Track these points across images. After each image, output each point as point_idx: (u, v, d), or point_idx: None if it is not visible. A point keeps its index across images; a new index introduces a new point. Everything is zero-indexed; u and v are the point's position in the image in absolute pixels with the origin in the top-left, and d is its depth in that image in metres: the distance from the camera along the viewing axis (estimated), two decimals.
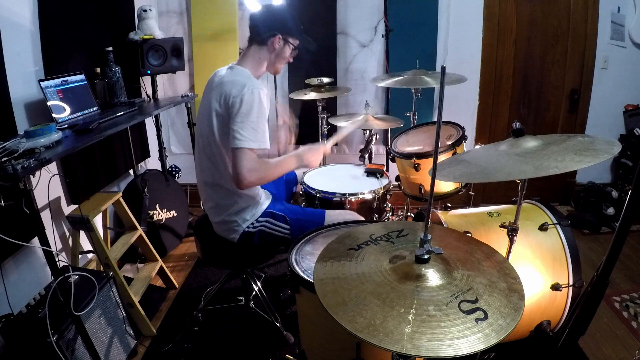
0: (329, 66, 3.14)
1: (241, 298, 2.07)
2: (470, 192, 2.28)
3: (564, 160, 1.10)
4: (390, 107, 3.16)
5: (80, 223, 1.88)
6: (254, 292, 2.14)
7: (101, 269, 1.96)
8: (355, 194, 1.97)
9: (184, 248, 2.86)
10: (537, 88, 3.19)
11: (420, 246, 0.93)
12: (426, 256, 0.92)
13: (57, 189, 2.10)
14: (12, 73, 1.77)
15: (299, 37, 1.74)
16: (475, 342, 0.75)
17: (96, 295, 1.64)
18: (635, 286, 2.29)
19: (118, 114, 2.06)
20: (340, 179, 2.22)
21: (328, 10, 3.04)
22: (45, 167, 1.40)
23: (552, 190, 3.39)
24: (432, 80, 2.31)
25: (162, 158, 2.93)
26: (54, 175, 1.54)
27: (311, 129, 2.97)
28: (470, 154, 1.44)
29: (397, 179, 2.42)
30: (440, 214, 1.73)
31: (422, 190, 2.19)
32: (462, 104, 3.14)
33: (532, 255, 1.52)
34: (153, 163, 3.14)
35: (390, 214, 2.21)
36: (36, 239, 1.42)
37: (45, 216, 1.68)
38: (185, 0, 3.08)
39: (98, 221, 2.13)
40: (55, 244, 1.96)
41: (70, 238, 2.10)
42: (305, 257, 1.38)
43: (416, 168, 2.08)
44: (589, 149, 1.12)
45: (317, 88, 2.74)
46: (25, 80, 1.88)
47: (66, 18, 2.12)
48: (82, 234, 2.06)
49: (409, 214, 2.69)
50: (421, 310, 0.82)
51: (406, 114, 2.64)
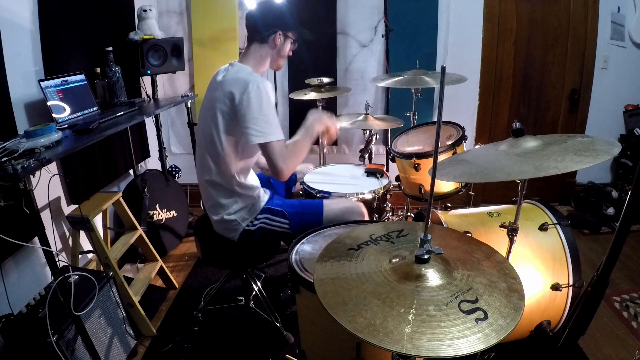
0: (329, 66, 3.14)
1: (241, 298, 2.07)
2: (470, 192, 2.28)
3: (564, 160, 1.10)
4: (390, 107, 3.16)
5: (80, 223, 1.88)
6: (254, 292, 2.14)
7: (101, 269, 1.96)
8: (355, 194, 1.97)
9: (184, 248, 2.86)
10: (537, 88, 3.19)
11: (420, 246, 0.93)
12: (426, 256, 0.92)
13: (57, 189, 2.10)
14: (12, 73, 1.77)
15: (298, 31, 1.75)
16: (475, 342, 0.75)
17: (96, 295, 1.64)
18: (635, 286, 2.29)
19: (118, 114, 2.06)
20: (340, 179, 2.22)
21: (328, 10, 3.04)
22: (45, 167, 1.40)
23: (552, 190, 3.39)
24: (432, 80, 2.31)
25: (162, 158, 2.93)
26: (54, 175, 1.54)
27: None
28: (470, 153, 1.44)
29: (397, 179, 2.42)
30: (440, 214, 1.73)
31: (422, 190, 2.19)
32: (462, 104, 3.14)
33: (532, 255, 1.52)
34: (153, 163, 3.14)
35: (390, 214, 2.21)
36: (36, 239, 1.42)
37: (45, 216, 1.68)
38: (185, 0, 3.08)
39: (98, 221, 2.13)
40: (55, 244, 1.96)
41: (70, 238, 2.10)
42: (305, 257, 1.38)
43: (416, 168, 2.08)
44: (589, 149, 1.12)
45: (317, 88, 2.74)
46: (25, 80, 1.88)
47: (66, 18, 2.12)
48: (82, 234, 2.06)
49: (409, 214, 2.69)
50: (421, 310, 0.82)
51: (406, 114, 2.64)
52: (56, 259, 1.45)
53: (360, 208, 1.80)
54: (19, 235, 1.43)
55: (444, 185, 2.20)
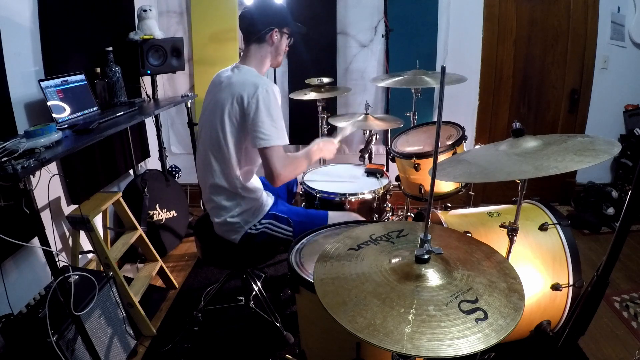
0: (329, 66, 3.13)
1: (241, 298, 2.07)
2: (470, 192, 2.27)
3: (564, 160, 1.10)
4: (390, 107, 3.16)
5: (80, 223, 1.88)
6: (254, 292, 2.14)
7: (101, 269, 1.96)
8: (355, 194, 1.97)
9: (184, 248, 2.86)
10: (537, 88, 3.19)
11: (420, 246, 0.93)
12: (426, 256, 0.92)
13: (57, 189, 2.09)
14: (12, 73, 1.77)
15: (292, 25, 1.75)
16: (475, 342, 0.75)
17: (96, 295, 1.64)
18: (635, 286, 2.29)
19: (118, 114, 2.06)
20: (340, 179, 2.22)
21: (328, 10, 3.04)
22: (45, 167, 1.40)
23: (552, 190, 3.39)
24: (432, 80, 2.31)
25: (162, 158, 2.93)
26: (54, 175, 1.54)
27: (311, 129, 2.97)
28: (470, 154, 1.44)
29: (397, 179, 2.41)
30: (440, 214, 1.73)
31: (422, 190, 2.19)
32: (462, 104, 3.14)
33: (532, 255, 1.52)
34: (153, 163, 3.14)
35: (390, 214, 2.22)
36: (36, 239, 1.42)
37: (45, 216, 1.68)
38: (185, 0, 3.08)
39: (98, 221, 2.13)
40: (55, 244, 1.95)
41: (70, 238, 2.10)
42: (305, 257, 1.38)
43: (416, 168, 2.08)
44: (589, 149, 1.12)
45: (317, 88, 2.74)
46: (25, 80, 1.88)
47: (66, 18, 2.12)
48: (82, 234, 2.06)
49: (409, 214, 2.69)
50: (421, 310, 0.82)
51: (406, 114, 2.64)
52: (56, 259, 1.45)
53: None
54: (19, 235, 1.43)
55: (444, 185, 2.20)
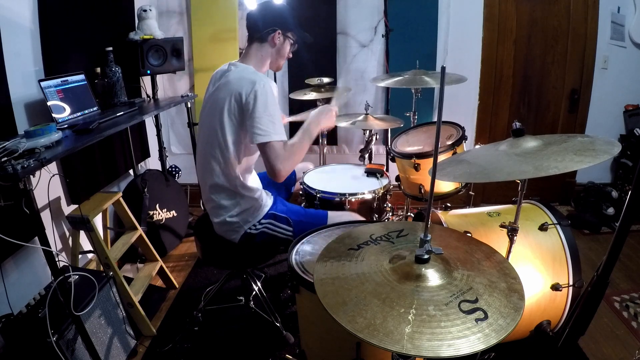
0: (329, 66, 3.13)
1: (241, 298, 2.07)
2: (470, 192, 2.27)
3: (564, 160, 1.10)
4: (390, 107, 3.16)
5: (80, 223, 1.88)
6: (254, 292, 2.14)
7: (101, 269, 1.96)
8: (355, 194, 1.97)
9: (184, 248, 2.86)
10: (537, 88, 3.19)
11: (420, 246, 0.93)
12: (426, 256, 0.92)
13: (57, 189, 2.09)
14: (12, 73, 1.77)
15: (297, 32, 1.75)
16: (475, 342, 0.75)
17: (96, 295, 1.64)
18: (635, 286, 2.29)
19: (118, 114, 2.06)
20: (340, 179, 2.22)
21: (328, 10, 3.04)
22: (45, 167, 1.40)
23: (552, 190, 3.39)
24: (432, 80, 2.31)
25: (162, 158, 2.93)
26: (54, 175, 1.54)
27: None
28: (470, 154, 1.44)
29: (397, 179, 2.41)
30: (440, 214, 1.73)
31: (422, 190, 2.19)
32: (462, 104, 3.14)
33: (532, 255, 1.52)
34: (153, 163, 3.14)
35: (390, 214, 2.21)
36: (36, 239, 1.42)
37: (45, 216, 1.68)
38: (185, 0, 3.08)
39: (98, 221, 2.13)
40: (55, 244, 1.95)
41: (70, 238, 2.10)
42: (305, 257, 1.38)
43: (416, 168, 2.08)
44: (589, 149, 1.12)
45: (317, 88, 2.74)
46: (25, 80, 1.88)
47: (66, 18, 2.12)
48: (82, 234, 2.06)
49: (409, 214, 2.69)
50: (421, 310, 0.82)
51: (406, 114, 2.63)
52: (56, 259, 1.45)
53: None
54: (19, 235, 1.43)
55: (444, 185, 2.20)
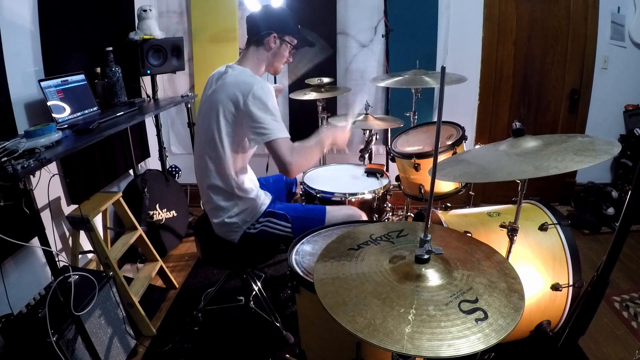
0: (329, 66, 3.13)
1: (241, 298, 2.07)
2: (470, 192, 2.27)
3: (564, 160, 1.10)
4: (390, 107, 3.16)
5: (80, 223, 1.88)
6: (254, 292, 2.14)
7: (101, 269, 1.96)
8: (355, 194, 1.97)
9: (184, 248, 2.86)
10: (537, 88, 3.19)
11: (420, 246, 0.93)
12: (426, 256, 0.92)
13: (57, 189, 2.09)
14: (12, 73, 1.77)
15: (297, 36, 1.73)
16: (475, 342, 0.75)
17: (96, 295, 1.64)
18: (635, 286, 2.29)
19: (118, 114, 2.06)
20: (340, 179, 2.22)
21: (328, 10, 3.04)
22: (45, 167, 1.40)
23: (552, 190, 3.39)
24: (432, 80, 2.31)
25: (162, 158, 2.93)
26: (54, 175, 1.54)
27: (311, 129, 2.96)
28: (470, 153, 1.44)
29: (397, 179, 2.41)
30: (440, 214, 1.73)
31: (422, 190, 2.19)
32: (462, 104, 3.14)
33: (532, 255, 1.52)
34: (153, 163, 3.14)
35: (390, 214, 2.21)
36: (36, 239, 1.42)
37: (45, 216, 1.68)
38: (185, 0, 3.08)
39: (98, 221, 2.13)
40: (55, 244, 1.95)
41: (70, 238, 2.10)
42: (305, 257, 1.38)
43: (416, 168, 2.08)
44: (589, 149, 1.12)
45: (317, 88, 2.74)
46: (25, 80, 1.88)
47: (66, 18, 2.12)
48: (82, 234, 2.06)
49: (409, 214, 2.69)
50: (421, 310, 0.82)
51: (406, 114, 2.63)
52: (56, 259, 1.45)
53: (362, 216, 1.81)
54: (19, 235, 1.43)
55: (444, 185, 2.20)
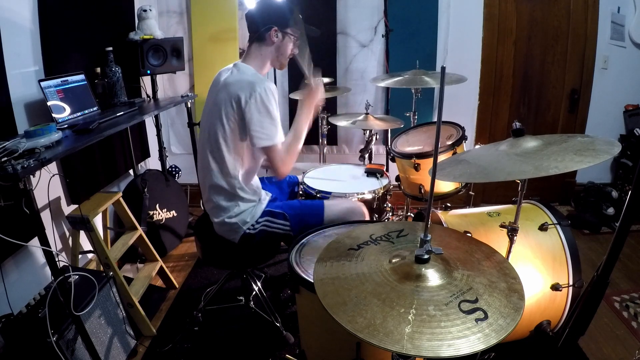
0: (329, 66, 3.13)
1: (241, 298, 2.07)
2: (470, 192, 2.27)
3: (564, 160, 1.10)
4: (390, 107, 3.16)
5: (80, 223, 1.88)
6: (254, 292, 2.14)
7: (101, 269, 1.96)
8: (355, 194, 1.97)
9: (184, 248, 2.86)
10: (537, 88, 3.19)
11: (420, 246, 0.93)
12: (426, 256, 0.92)
13: (57, 189, 2.09)
14: (12, 73, 1.77)
15: (298, 27, 1.70)
16: (475, 342, 0.75)
17: (96, 295, 1.64)
18: (635, 286, 2.29)
19: (118, 114, 2.06)
20: (340, 179, 2.22)
21: (328, 10, 3.04)
22: (45, 167, 1.40)
23: (552, 190, 3.39)
24: (432, 80, 2.31)
25: (162, 158, 2.93)
26: (54, 175, 1.54)
27: (311, 129, 2.96)
28: (470, 154, 1.44)
29: (397, 179, 2.41)
30: (440, 214, 1.73)
31: (422, 190, 2.19)
32: (462, 104, 3.14)
33: (532, 255, 1.52)
34: (153, 163, 3.14)
35: (390, 214, 2.21)
36: (36, 239, 1.42)
37: (45, 216, 1.68)
38: (185, 0, 3.08)
39: (98, 221, 2.13)
40: (55, 244, 1.95)
41: (70, 238, 2.10)
42: (305, 257, 1.38)
43: (416, 168, 2.08)
44: (589, 149, 1.12)
45: None
46: (25, 80, 1.88)
47: (66, 18, 2.12)
48: (82, 234, 2.06)
49: (409, 214, 2.69)
50: (421, 310, 0.82)
51: (406, 114, 2.64)
52: (56, 259, 1.45)
53: (361, 208, 1.80)
54: (19, 235, 1.43)
55: (444, 185, 2.20)
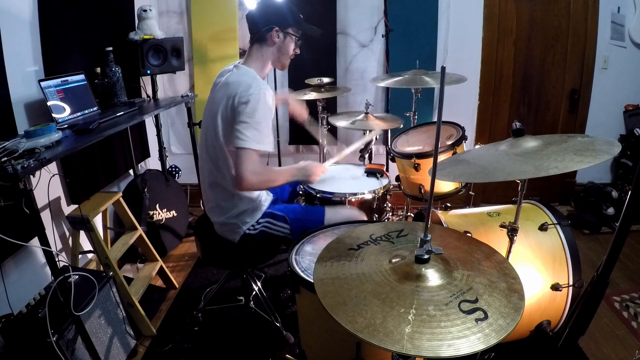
0: (329, 66, 3.13)
1: (241, 298, 2.07)
2: (470, 192, 2.27)
3: (564, 160, 1.10)
4: (390, 107, 3.16)
5: (80, 223, 1.88)
6: (254, 292, 2.14)
7: (101, 269, 1.96)
8: (355, 194, 1.97)
9: (184, 248, 2.86)
10: (537, 88, 3.19)
11: (420, 246, 0.93)
12: (426, 256, 0.92)
13: (57, 189, 2.09)
14: (12, 73, 1.77)
15: (299, 27, 1.70)
16: (475, 342, 0.75)
17: (96, 295, 1.64)
18: (635, 286, 2.29)
19: (118, 114, 2.06)
20: (340, 179, 2.22)
21: (328, 10, 3.04)
22: (45, 167, 1.40)
23: (552, 190, 3.39)
24: (432, 80, 2.31)
25: (162, 158, 2.93)
26: (54, 175, 1.54)
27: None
28: (470, 153, 1.44)
29: (397, 179, 2.41)
30: (440, 214, 1.73)
31: (422, 190, 2.19)
32: (462, 104, 3.14)
33: (532, 255, 1.52)
34: (153, 163, 3.14)
35: (390, 214, 2.21)
36: (36, 239, 1.42)
37: (45, 216, 1.68)
38: (185, 0, 3.08)
39: (98, 221, 2.13)
40: (55, 244, 1.96)
41: (70, 238, 2.10)
42: (305, 257, 1.38)
43: (416, 168, 2.08)
44: (589, 149, 1.12)
45: (317, 88, 2.73)
46: (25, 80, 1.88)
47: (66, 18, 2.12)
48: (82, 234, 2.06)
49: (409, 214, 2.69)
50: (421, 310, 0.82)
51: (406, 114, 2.63)
52: (56, 259, 1.45)
53: (361, 217, 1.80)
54: (19, 235, 1.43)
55: (444, 185, 2.20)
